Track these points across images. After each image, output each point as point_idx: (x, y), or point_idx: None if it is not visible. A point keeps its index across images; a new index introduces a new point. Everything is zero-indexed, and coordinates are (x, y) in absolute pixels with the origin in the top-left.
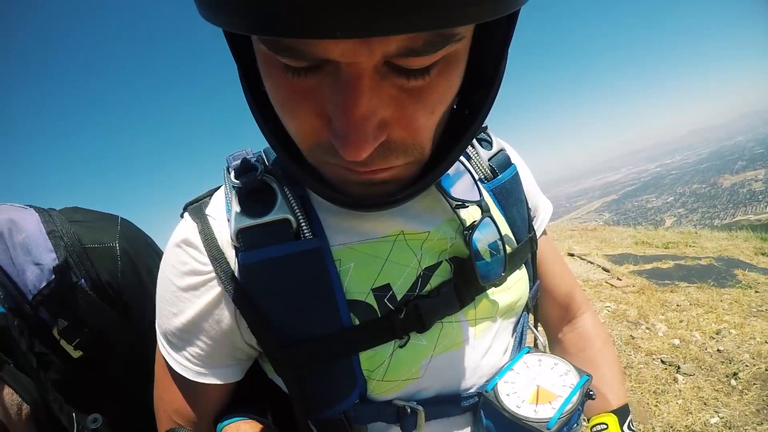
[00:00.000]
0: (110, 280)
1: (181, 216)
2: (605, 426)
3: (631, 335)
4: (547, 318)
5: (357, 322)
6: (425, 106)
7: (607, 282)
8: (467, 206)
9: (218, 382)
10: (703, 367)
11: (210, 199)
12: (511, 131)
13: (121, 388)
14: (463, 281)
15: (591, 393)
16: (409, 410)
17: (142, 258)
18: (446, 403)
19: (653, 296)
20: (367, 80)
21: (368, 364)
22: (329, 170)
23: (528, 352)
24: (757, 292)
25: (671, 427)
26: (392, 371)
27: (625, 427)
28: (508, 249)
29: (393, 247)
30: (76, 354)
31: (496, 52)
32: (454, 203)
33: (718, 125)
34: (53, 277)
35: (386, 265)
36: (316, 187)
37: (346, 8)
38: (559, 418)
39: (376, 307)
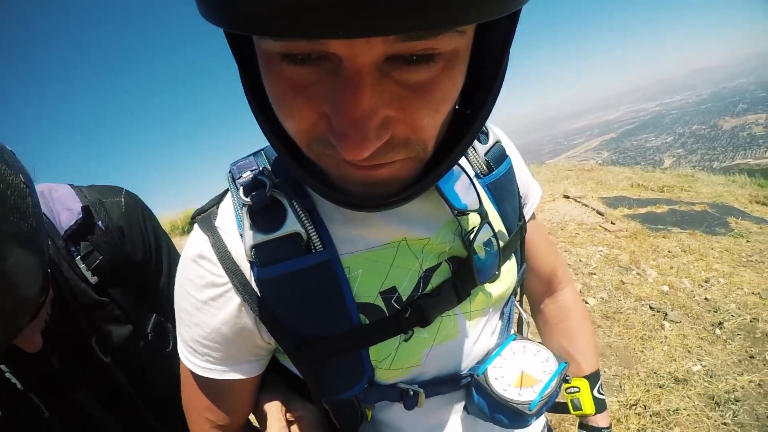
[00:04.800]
0: (119, 224)
1: (190, 223)
2: (578, 389)
3: (621, 280)
4: (531, 291)
5: (367, 321)
6: (430, 103)
7: (600, 226)
8: (468, 213)
9: (242, 377)
10: (689, 315)
11: (217, 209)
12: (509, 68)
13: (126, 314)
14: (461, 280)
15: (567, 378)
16: (411, 392)
17: (139, 209)
18: (443, 384)
19: (645, 241)
20: (368, 77)
21: (376, 356)
22: (328, 163)
23: (514, 339)
24: (748, 241)
25: (655, 372)
26: (397, 361)
27: (594, 391)
28: (501, 243)
29: (397, 252)
30: (93, 279)
31: (497, 52)
32: (456, 211)
33: (720, 66)
34: (80, 216)
35: (392, 270)
36: (317, 188)
37: (347, 8)
38: (539, 401)
39: (384, 308)
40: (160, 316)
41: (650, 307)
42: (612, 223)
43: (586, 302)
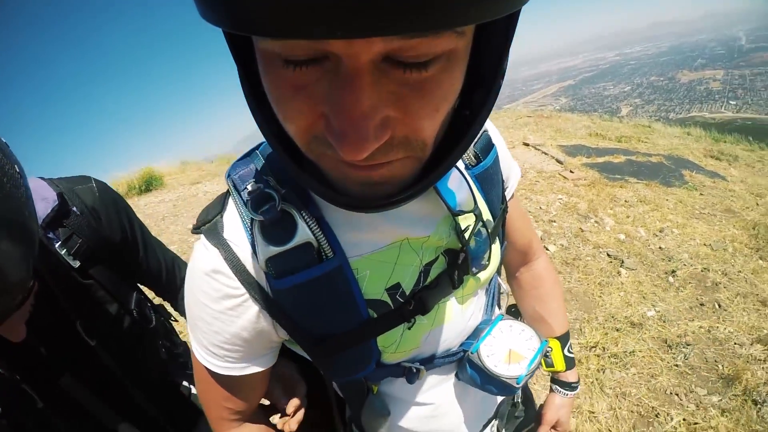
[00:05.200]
0: (94, 207)
1: (194, 232)
2: (551, 349)
3: (580, 228)
4: (508, 261)
5: (375, 315)
6: (429, 103)
7: (560, 174)
8: (464, 214)
9: (260, 369)
10: (645, 262)
11: (222, 219)
12: None
13: (110, 293)
14: (456, 270)
15: (547, 354)
16: (414, 369)
17: (110, 192)
18: (439, 359)
19: (603, 190)
20: (367, 76)
21: (383, 343)
22: (327, 163)
23: (502, 319)
24: (701, 194)
25: (612, 317)
26: (402, 346)
27: (565, 351)
28: (488, 230)
29: (400, 251)
30: (76, 264)
31: (496, 52)
32: (454, 212)
33: (681, 21)
34: (56, 204)
35: (396, 268)
36: (317, 188)
37: (347, 8)
38: (525, 375)
39: (390, 302)
40: (140, 294)
41: (608, 255)
42: (571, 171)
43: (547, 249)
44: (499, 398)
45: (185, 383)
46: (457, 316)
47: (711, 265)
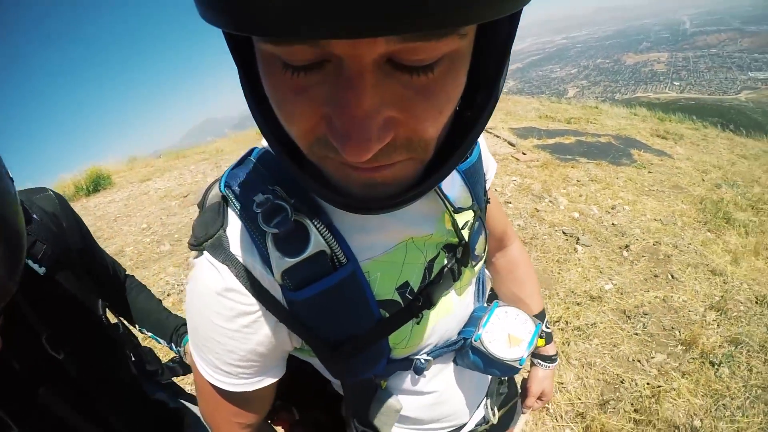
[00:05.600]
0: (55, 214)
1: (193, 249)
2: (544, 330)
3: (535, 208)
4: None
5: (386, 315)
6: (434, 105)
7: (512, 156)
8: (464, 211)
9: (273, 380)
10: (599, 239)
11: (225, 233)
12: None
13: (78, 300)
14: (457, 263)
15: (542, 335)
16: (423, 361)
17: (66, 202)
18: (441, 348)
19: (555, 171)
20: (370, 76)
21: (394, 340)
22: (330, 166)
23: (498, 306)
24: (650, 172)
25: (572, 292)
26: (411, 340)
27: (543, 326)
28: (482, 223)
29: (406, 251)
30: (42, 270)
31: (497, 53)
32: (454, 209)
33: (626, 5)
34: None
35: (404, 267)
36: (319, 190)
37: (349, 10)
38: (526, 356)
39: (400, 301)
40: (105, 301)
41: (563, 233)
42: (523, 153)
43: None
44: (490, 378)
45: (160, 394)
46: (456, 307)
47: (662, 239)
